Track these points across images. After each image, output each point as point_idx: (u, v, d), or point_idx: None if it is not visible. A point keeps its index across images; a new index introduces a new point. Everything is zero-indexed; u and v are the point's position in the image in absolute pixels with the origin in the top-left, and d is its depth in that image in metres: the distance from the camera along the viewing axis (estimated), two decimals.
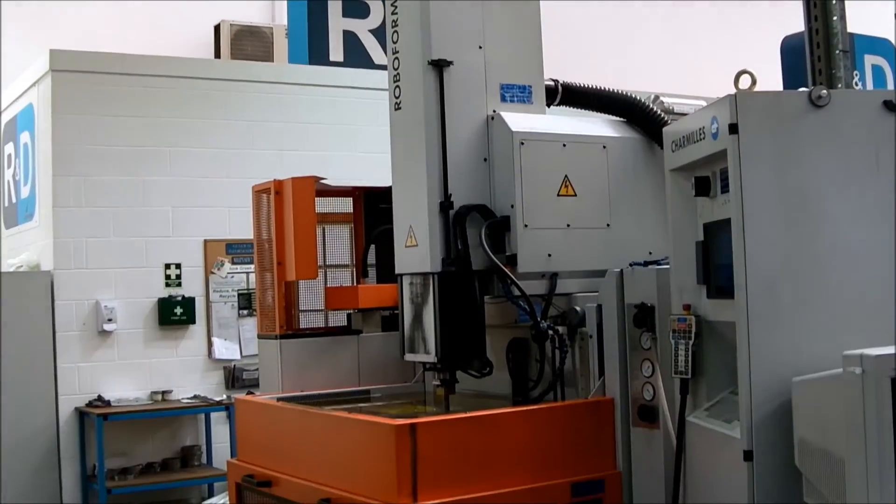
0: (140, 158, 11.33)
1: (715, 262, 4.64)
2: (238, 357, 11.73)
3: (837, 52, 6.20)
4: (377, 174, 6.92)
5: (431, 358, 5.63)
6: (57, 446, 10.89)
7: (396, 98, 5.81)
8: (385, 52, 6.08)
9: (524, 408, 5.47)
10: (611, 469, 5.33)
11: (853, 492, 3.66)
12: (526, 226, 5.61)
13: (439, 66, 5.61)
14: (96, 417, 10.55)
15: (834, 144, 4.31)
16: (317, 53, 12.60)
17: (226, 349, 11.69)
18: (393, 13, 5.87)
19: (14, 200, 12.78)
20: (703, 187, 4.63)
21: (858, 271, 4.28)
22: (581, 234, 5.79)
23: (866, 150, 4.33)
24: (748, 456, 4.19)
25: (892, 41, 13.37)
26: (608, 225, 5.87)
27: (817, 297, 4.25)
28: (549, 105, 6.08)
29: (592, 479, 5.25)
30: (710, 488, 4.58)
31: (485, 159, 5.73)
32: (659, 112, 6.16)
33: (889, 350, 3.63)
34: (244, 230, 8.83)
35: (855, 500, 3.65)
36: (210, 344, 11.66)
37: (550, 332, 5.53)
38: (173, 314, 11.41)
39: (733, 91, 4.36)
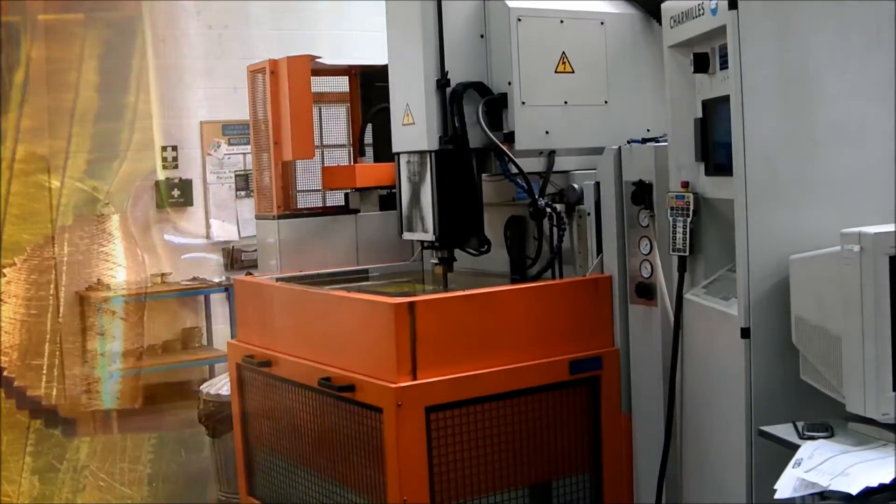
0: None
1: (713, 140, 4.60)
2: (236, 238, 11.75)
3: None
4: (373, 52, 6.83)
5: (429, 236, 5.64)
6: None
7: None
8: None
9: (522, 285, 5.49)
10: (608, 346, 5.37)
11: (850, 369, 3.68)
12: (523, 103, 5.57)
13: None
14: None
15: (834, 20, 4.24)
16: None
17: (224, 230, 11.70)
18: None
19: None
20: (701, 64, 4.58)
21: (858, 149, 4.25)
22: (579, 111, 5.74)
23: (867, 26, 4.26)
24: (745, 333, 4.20)
25: None
26: (606, 102, 5.82)
27: (816, 174, 4.23)
28: None
29: (590, 356, 5.29)
30: (708, 365, 4.60)
31: (482, 36, 5.66)
32: None
33: (888, 228, 3.63)
34: (240, 111, 8.76)
35: (851, 377, 3.67)
36: (208, 226, 11.66)
37: (548, 209, 5.52)
38: (171, 196, 11.39)
39: None
